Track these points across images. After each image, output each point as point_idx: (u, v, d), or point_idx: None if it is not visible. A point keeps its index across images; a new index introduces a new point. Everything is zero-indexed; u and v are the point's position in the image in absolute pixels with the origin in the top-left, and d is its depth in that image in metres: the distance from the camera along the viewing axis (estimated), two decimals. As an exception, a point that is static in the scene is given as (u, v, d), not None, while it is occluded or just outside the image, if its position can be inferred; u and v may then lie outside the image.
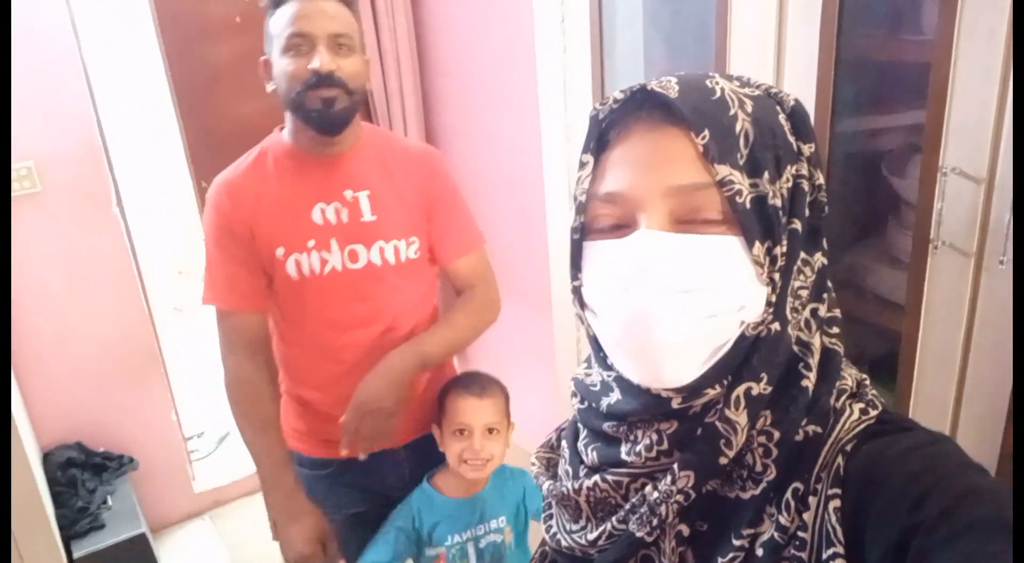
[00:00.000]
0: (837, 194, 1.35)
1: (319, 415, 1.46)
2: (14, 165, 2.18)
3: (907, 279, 1.18)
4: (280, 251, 1.33)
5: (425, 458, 1.54)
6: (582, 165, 0.60)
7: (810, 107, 1.26)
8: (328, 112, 1.28)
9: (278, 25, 1.28)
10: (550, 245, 2.04)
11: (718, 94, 0.56)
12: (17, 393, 2.25)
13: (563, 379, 2.13)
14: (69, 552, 2.11)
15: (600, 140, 0.60)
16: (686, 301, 0.53)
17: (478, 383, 1.46)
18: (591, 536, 0.62)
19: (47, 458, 2.37)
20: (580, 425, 0.67)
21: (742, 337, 0.56)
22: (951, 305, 1.12)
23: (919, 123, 1.14)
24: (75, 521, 2.18)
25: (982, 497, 0.48)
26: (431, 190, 1.42)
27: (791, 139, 0.58)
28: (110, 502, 2.32)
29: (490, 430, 1.44)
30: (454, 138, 2.67)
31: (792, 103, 0.59)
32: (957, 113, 1.05)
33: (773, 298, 0.56)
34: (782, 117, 0.58)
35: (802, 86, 1.26)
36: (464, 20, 2.38)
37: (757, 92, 0.58)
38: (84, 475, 2.36)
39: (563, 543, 0.66)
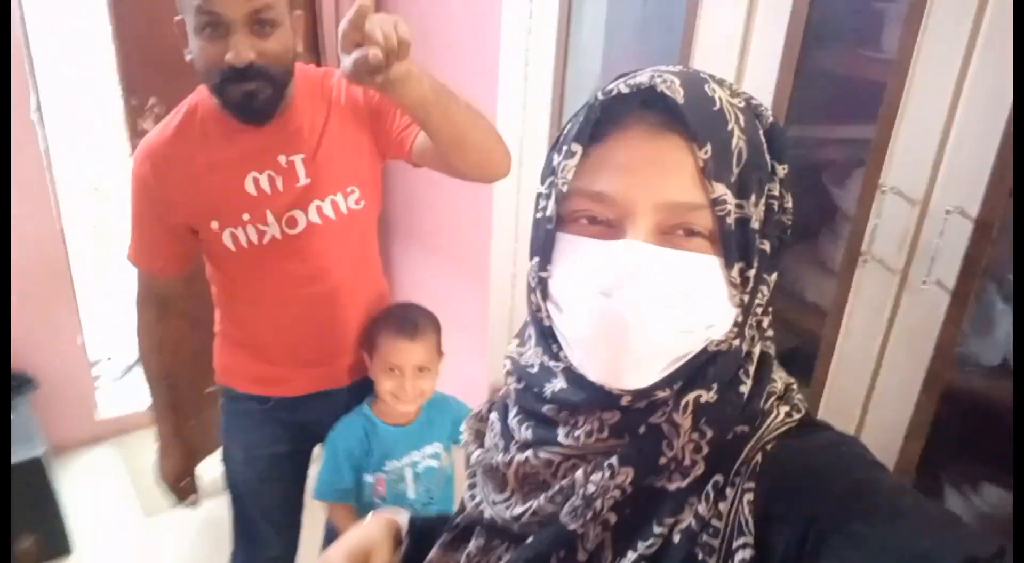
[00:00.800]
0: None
1: (261, 358, 1.47)
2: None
3: (835, 287, 1.24)
4: (215, 224, 1.29)
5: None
6: (570, 154, 0.57)
7: (767, 110, 1.28)
8: (250, 106, 1.18)
9: None
10: (494, 217, 2.03)
11: (718, 105, 0.55)
12: (-90, 301, 2.13)
13: (495, 350, 2.14)
14: (-42, 472, 2.02)
15: (594, 130, 0.57)
16: (663, 314, 0.54)
17: (410, 323, 1.48)
18: (516, 511, 0.63)
19: (-61, 372, 2.26)
20: (512, 404, 0.67)
21: (704, 351, 0.57)
22: (872, 317, 1.18)
23: (866, 138, 1.18)
24: (-35, 440, 2.09)
25: (879, 489, 0.52)
26: (368, 104, 1.30)
27: (767, 157, 0.58)
28: (6, 422, 2.23)
29: (420, 369, 1.48)
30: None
31: (770, 119, 0.59)
32: (904, 134, 1.09)
33: (740, 319, 0.58)
34: (761, 133, 0.58)
35: (760, 92, 1.27)
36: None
37: (742, 102, 0.58)
38: (-23, 392, 2.26)
39: (486, 513, 0.67)
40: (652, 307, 0.54)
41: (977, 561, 0.45)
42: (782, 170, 0.59)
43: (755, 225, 0.56)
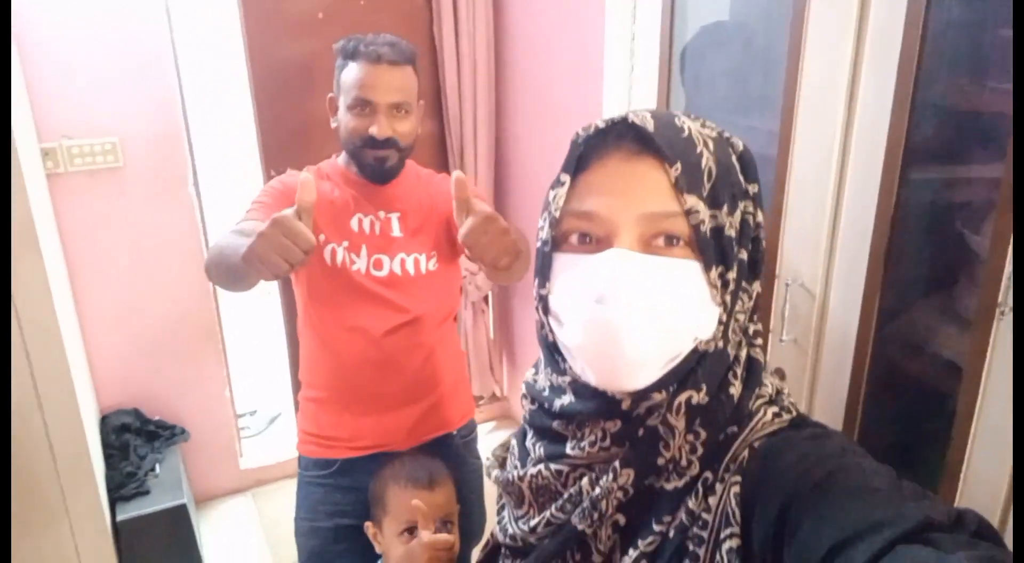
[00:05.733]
0: (904, 245, 1.27)
1: (332, 406, 1.56)
2: (101, 139, 2.29)
3: (969, 343, 1.11)
4: (322, 237, 1.47)
5: None
6: (560, 183, 0.65)
7: (880, 152, 1.20)
8: (380, 168, 1.46)
9: (347, 81, 1.43)
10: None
11: (686, 133, 0.61)
12: (82, 355, 2.36)
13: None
14: (114, 513, 2.19)
15: (579, 162, 0.64)
16: (651, 316, 0.58)
17: (426, 472, 1.35)
18: (532, 523, 0.68)
19: (104, 420, 2.48)
20: (527, 425, 0.74)
21: (694, 351, 0.62)
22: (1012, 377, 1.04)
23: (999, 177, 1.06)
24: (122, 484, 2.27)
25: (852, 472, 0.54)
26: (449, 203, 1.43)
27: (741, 178, 0.63)
28: (158, 470, 2.40)
29: (445, 523, 1.31)
30: (518, 145, 2.69)
31: (741, 147, 0.65)
32: (1040, 173, 0.97)
33: (724, 318, 0.62)
34: (734, 158, 0.64)
35: (873, 131, 1.19)
36: (540, 34, 2.37)
37: (714, 133, 0.64)
38: (136, 441, 2.46)
39: (509, 531, 0.72)
40: (641, 310, 0.58)
41: (933, 523, 0.48)
42: (752, 188, 0.64)
43: (731, 233, 0.61)
